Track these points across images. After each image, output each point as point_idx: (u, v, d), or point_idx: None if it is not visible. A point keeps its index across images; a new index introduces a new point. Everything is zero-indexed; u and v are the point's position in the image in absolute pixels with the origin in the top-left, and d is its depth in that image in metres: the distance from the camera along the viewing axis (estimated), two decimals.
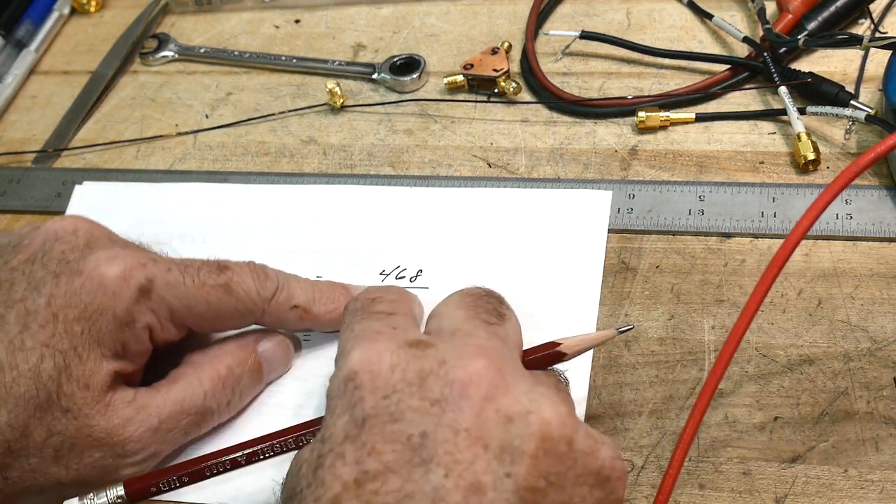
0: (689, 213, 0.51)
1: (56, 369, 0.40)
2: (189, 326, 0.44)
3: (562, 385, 0.40)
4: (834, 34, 0.57)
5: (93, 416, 0.41)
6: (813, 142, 0.52)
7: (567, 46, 0.62)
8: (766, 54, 0.57)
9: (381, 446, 0.33)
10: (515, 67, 0.62)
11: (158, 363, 0.45)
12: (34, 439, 0.40)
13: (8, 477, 0.40)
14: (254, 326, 0.47)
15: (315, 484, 0.34)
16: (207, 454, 0.41)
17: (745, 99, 0.57)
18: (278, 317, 0.46)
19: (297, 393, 0.47)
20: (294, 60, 0.66)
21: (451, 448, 0.33)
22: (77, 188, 0.60)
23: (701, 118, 0.56)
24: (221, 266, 0.44)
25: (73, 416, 0.40)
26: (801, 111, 0.54)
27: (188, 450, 0.46)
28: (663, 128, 0.56)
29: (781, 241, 0.39)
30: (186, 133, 0.63)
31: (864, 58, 0.57)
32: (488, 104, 0.60)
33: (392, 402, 0.34)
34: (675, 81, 0.59)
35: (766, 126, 0.56)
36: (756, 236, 0.50)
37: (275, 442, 0.40)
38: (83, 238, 0.43)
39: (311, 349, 0.49)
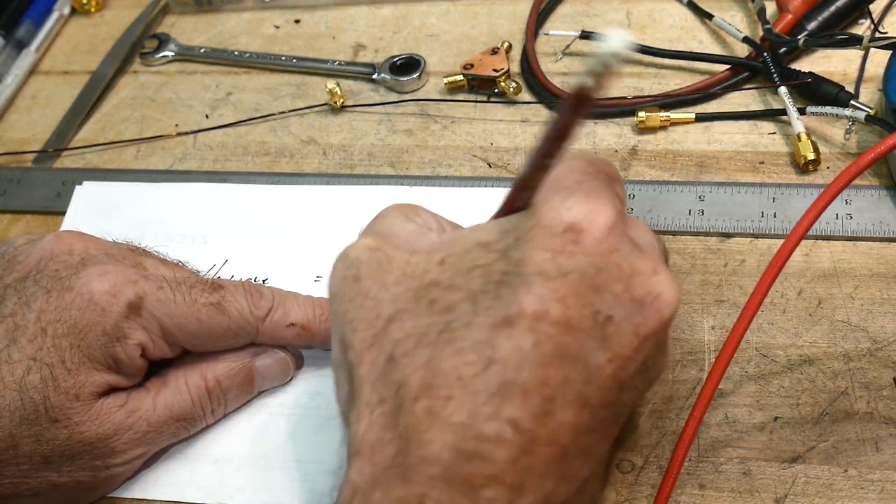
0: (689, 213, 0.51)
1: (42, 381, 0.40)
2: (181, 345, 0.44)
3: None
4: (834, 34, 0.57)
5: (83, 424, 0.41)
6: (813, 142, 0.52)
7: (567, 46, 0.62)
8: (766, 54, 0.57)
9: (571, 301, 0.33)
10: (515, 67, 0.62)
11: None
12: (22, 449, 0.40)
13: (0, 483, 0.41)
14: None
15: (492, 296, 0.33)
16: None
17: (745, 99, 0.57)
18: (274, 335, 0.45)
19: (298, 393, 0.47)
20: (294, 60, 0.66)
21: (626, 342, 0.33)
22: (77, 188, 0.60)
23: (701, 118, 0.56)
24: (215, 285, 0.44)
25: (62, 426, 0.40)
26: (801, 111, 0.54)
27: (193, 442, 0.46)
28: (663, 128, 0.57)
29: (781, 241, 0.39)
30: (186, 133, 0.63)
31: (864, 58, 0.57)
32: (488, 104, 0.60)
33: (600, 277, 0.33)
34: (675, 81, 0.59)
35: (766, 126, 0.56)
36: (756, 236, 0.50)
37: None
38: (78, 256, 0.43)
39: (311, 349, 0.49)
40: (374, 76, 0.64)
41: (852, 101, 0.53)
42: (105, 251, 0.45)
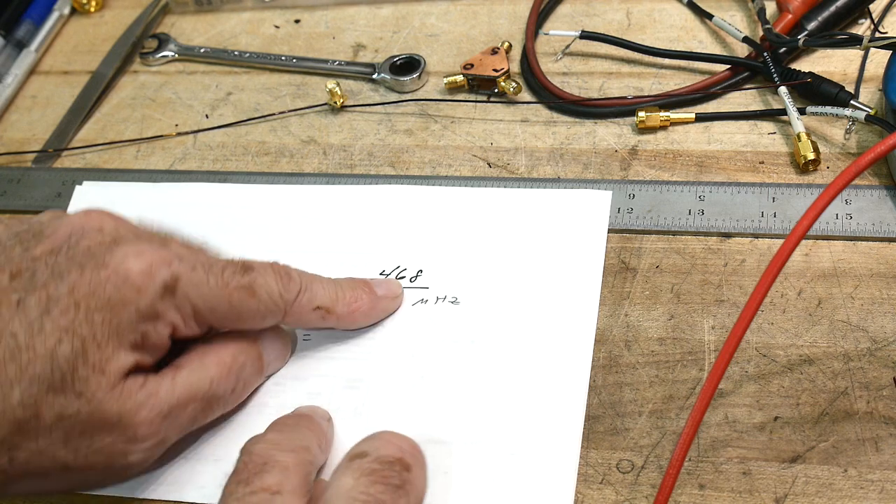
0: (689, 213, 0.51)
1: (73, 353, 0.40)
2: (210, 325, 0.44)
3: None
4: (834, 34, 0.57)
5: (105, 401, 0.41)
6: (813, 142, 0.52)
7: (567, 46, 0.62)
8: (766, 54, 0.57)
9: None
10: (515, 67, 0.62)
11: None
12: (45, 420, 0.40)
13: (14, 458, 0.40)
14: None
15: None
16: None
17: (745, 99, 0.57)
18: (300, 318, 0.46)
19: (297, 393, 0.47)
20: (294, 60, 0.66)
21: None
22: (77, 188, 0.60)
23: (701, 118, 0.56)
24: (246, 266, 0.45)
25: (86, 401, 0.40)
26: (801, 111, 0.54)
27: (193, 442, 0.46)
28: (663, 128, 0.57)
29: (781, 241, 0.39)
30: (186, 133, 0.63)
31: (864, 58, 0.57)
32: (488, 104, 0.60)
33: None
34: (675, 81, 0.59)
35: (766, 126, 0.56)
36: (756, 236, 0.50)
37: None
38: (109, 235, 0.44)
39: (311, 349, 0.49)
40: (374, 76, 0.64)
41: (852, 101, 0.53)
42: (133, 232, 0.45)
